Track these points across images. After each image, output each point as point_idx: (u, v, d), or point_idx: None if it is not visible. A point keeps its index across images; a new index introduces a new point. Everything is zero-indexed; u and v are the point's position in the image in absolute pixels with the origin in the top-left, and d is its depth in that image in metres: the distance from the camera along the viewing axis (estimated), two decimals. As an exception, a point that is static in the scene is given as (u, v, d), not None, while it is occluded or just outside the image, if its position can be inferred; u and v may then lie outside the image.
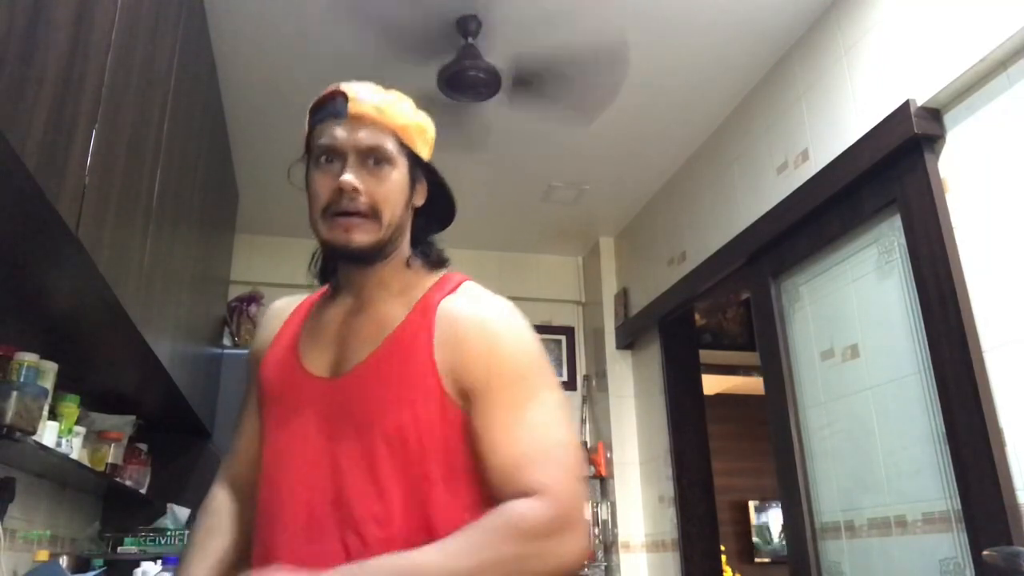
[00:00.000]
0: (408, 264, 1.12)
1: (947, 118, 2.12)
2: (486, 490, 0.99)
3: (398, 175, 1.09)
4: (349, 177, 1.04)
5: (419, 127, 1.13)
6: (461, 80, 2.57)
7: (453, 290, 1.09)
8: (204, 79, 2.43)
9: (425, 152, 1.14)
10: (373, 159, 1.06)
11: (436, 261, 1.15)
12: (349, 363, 1.06)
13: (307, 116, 1.13)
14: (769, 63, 2.86)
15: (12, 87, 0.93)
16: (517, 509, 0.93)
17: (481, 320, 1.04)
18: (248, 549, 1.08)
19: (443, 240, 1.23)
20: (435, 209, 1.18)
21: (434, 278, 1.13)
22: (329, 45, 2.69)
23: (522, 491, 0.94)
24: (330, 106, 1.09)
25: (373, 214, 1.06)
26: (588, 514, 1.01)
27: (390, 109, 1.09)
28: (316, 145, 1.09)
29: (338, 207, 1.05)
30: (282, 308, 1.24)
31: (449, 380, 1.01)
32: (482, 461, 0.99)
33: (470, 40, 2.59)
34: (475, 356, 1.01)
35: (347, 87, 1.09)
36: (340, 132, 1.07)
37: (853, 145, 2.37)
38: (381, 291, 1.11)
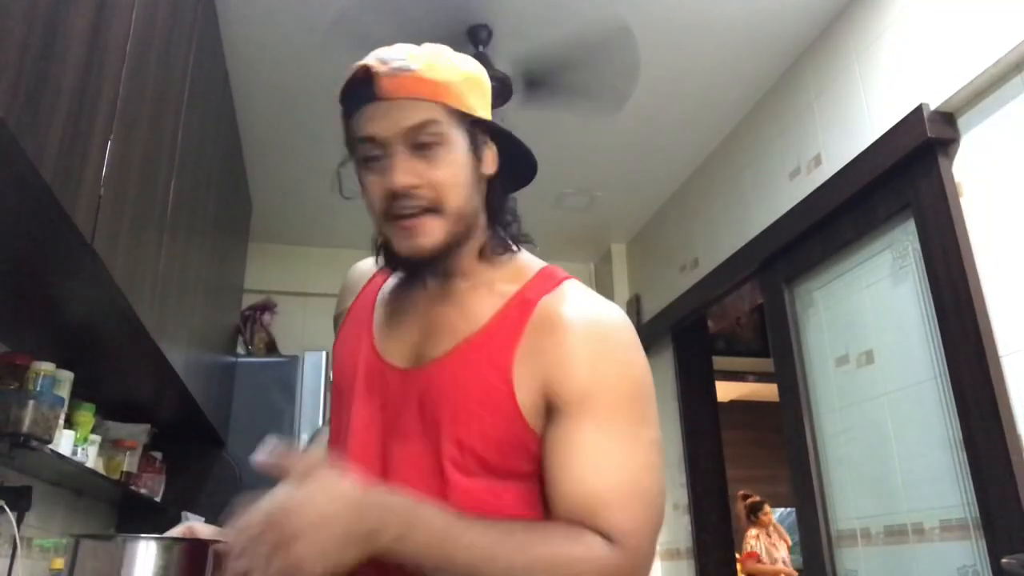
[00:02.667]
0: (482, 253, 0.98)
1: (961, 122, 2.11)
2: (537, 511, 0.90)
3: (457, 151, 0.92)
4: (401, 176, 0.89)
5: (469, 79, 0.95)
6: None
7: (552, 288, 0.94)
8: (217, 89, 2.45)
9: (483, 108, 0.96)
10: (422, 140, 0.89)
11: (517, 237, 1.01)
12: (427, 356, 0.94)
13: (340, 108, 0.96)
14: (780, 68, 2.86)
15: (29, 99, 0.94)
16: (597, 546, 0.83)
17: (588, 328, 0.90)
18: None
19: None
20: (509, 169, 1.00)
21: (529, 267, 0.99)
22: (341, 55, 2.69)
23: (598, 529, 0.84)
24: (359, 89, 0.91)
25: (436, 205, 0.90)
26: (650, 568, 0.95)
27: (428, 71, 0.91)
28: (357, 140, 0.92)
29: (398, 210, 0.90)
30: (359, 275, 1.11)
31: (531, 395, 0.88)
32: (555, 484, 0.87)
33: (481, 49, 2.60)
34: (576, 374, 0.88)
35: (373, 58, 0.91)
36: (376, 119, 0.90)
37: (866, 150, 2.35)
38: (465, 279, 0.97)
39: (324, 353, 3.24)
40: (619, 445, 0.87)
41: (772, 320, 2.91)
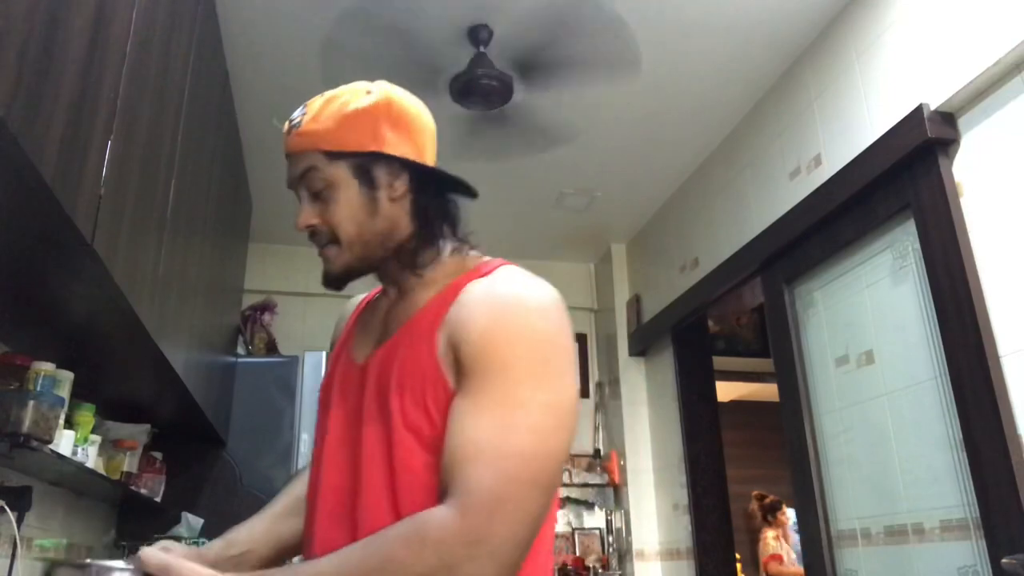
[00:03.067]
0: (414, 260, 1.05)
1: (961, 122, 2.11)
2: None
3: (343, 190, 1.00)
4: (300, 219, 1.02)
5: (356, 117, 1.01)
6: (473, 89, 2.58)
7: (486, 274, 0.99)
8: (217, 89, 2.45)
9: (375, 141, 1.01)
10: (313, 188, 1.02)
11: (438, 236, 1.07)
12: (378, 348, 1.03)
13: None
14: (781, 68, 2.86)
15: (29, 98, 0.94)
16: (426, 515, 0.82)
17: (491, 296, 0.94)
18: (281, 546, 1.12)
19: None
20: (438, 181, 1.07)
21: (472, 263, 1.05)
22: (341, 56, 2.70)
23: (444, 488, 0.84)
24: (289, 132, 1.06)
25: (333, 239, 1.02)
26: (518, 543, 0.82)
27: (310, 123, 1.01)
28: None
29: (315, 243, 1.05)
30: (351, 304, 1.24)
31: (447, 363, 0.91)
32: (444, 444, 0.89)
33: (481, 49, 2.60)
34: (471, 333, 0.90)
35: (290, 117, 1.05)
36: (287, 172, 1.05)
37: (866, 150, 2.35)
38: (417, 279, 1.05)
39: (324, 353, 3.23)
40: (499, 405, 0.86)
41: (772, 320, 2.91)
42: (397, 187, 1.03)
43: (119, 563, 0.90)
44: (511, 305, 0.93)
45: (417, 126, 1.06)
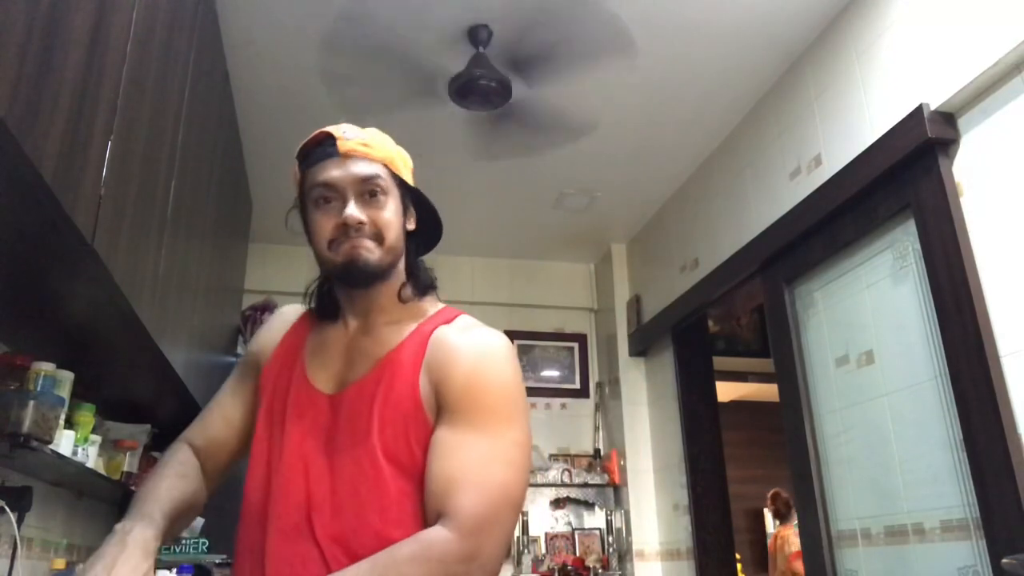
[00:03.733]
0: (401, 294, 1.17)
1: (961, 122, 2.11)
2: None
3: (393, 202, 1.15)
4: (355, 211, 1.10)
5: (402, 157, 1.20)
6: (472, 89, 2.58)
7: (448, 321, 1.14)
8: (217, 90, 2.45)
9: (410, 180, 1.21)
10: (369, 191, 1.12)
11: (426, 286, 1.20)
12: (349, 380, 1.11)
13: (296, 162, 1.17)
14: (781, 69, 2.86)
15: (29, 99, 0.94)
16: (428, 536, 0.96)
17: (470, 346, 1.09)
18: (190, 513, 1.15)
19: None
20: (423, 232, 1.24)
21: (431, 308, 1.18)
22: (341, 57, 2.70)
23: (439, 510, 0.97)
24: (319, 148, 1.14)
25: (377, 239, 1.12)
26: (500, 558, 1.00)
27: (375, 143, 1.16)
28: (313, 185, 1.13)
29: (344, 239, 1.11)
30: (288, 315, 1.28)
31: (428, 403, 1.05)
32: (427, 474, 1.01)
33: (481, 49, 2.60)
34: (455, 377, 1.05)
35: (331, 128, 1.15)
36: (336, 170, 1.12)
37: (866, 150, 2.35)
38: (381, 315, 1.16)
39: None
40: (480, 440, 1.02)
41: (772, 320, 2.91)
42: (411, 222, 1.20)
43: None
44: (487, 354, 1.09)
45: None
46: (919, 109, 2.14)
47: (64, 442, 1.81)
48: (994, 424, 1.89)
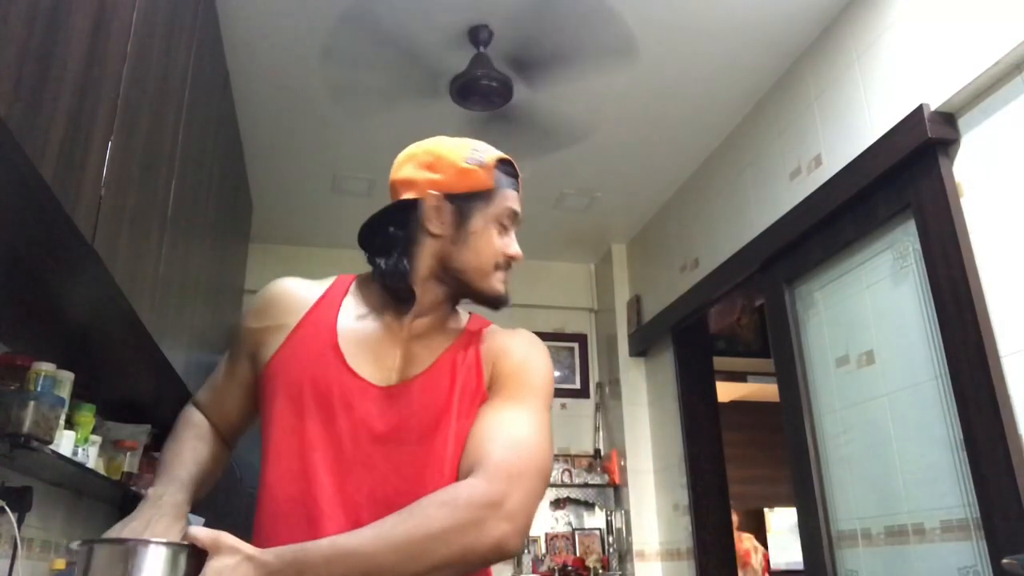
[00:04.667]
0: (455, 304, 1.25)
1: (961, 122, 2.11)
2: None
3: None
4: (519, 250, 1.20)
5: None
6: (473, 89, 2.58)
7: (486, 325, 1.24)
8: (218, 90, 2.45)
9: None
10: (517, 226, 1.22)
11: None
12: (411, 374, 1.13)
13: (494, 167, 1.19)
14: (781, 69, 2.86)
15: (30, 98, 0.94)
16: (458, 484, 1.00)
17: (522, 338, 1.20)
18: (215, 474, 1.21)
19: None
20: None
21: (464, 314, 1.26)
22: (342, 57, 2.70)
23: (473, 464, 1.02)
24: (514, 175, 1.21)
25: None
26: (527, 512, 1.01)
27: None
28: (507, 208, 1.19)
29: (503, 268, 1.20)
30: (298, 299, 1.19)
31: (487, 386, 1.13)
32: (469, 438, 1.07)
33: (482, 49, 2.60)
34: (511, 360, 1.15)
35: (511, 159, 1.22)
36: (518, 203, 1.21)
37: (867, 150, 2.35)
38: (427, 319, 1.20)
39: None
40: (520, 411, 1.09)
41: (773, 320, 2.91)
42: None
43: (158, 539, 0.95)
44: (536, 346, 1.20)
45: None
46: (919, 109, 2.14)
47: (64, 442, 1.81)
48: (994, 424, 1.89)
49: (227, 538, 0.91)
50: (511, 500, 0.97)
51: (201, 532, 0.91)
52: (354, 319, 1.18)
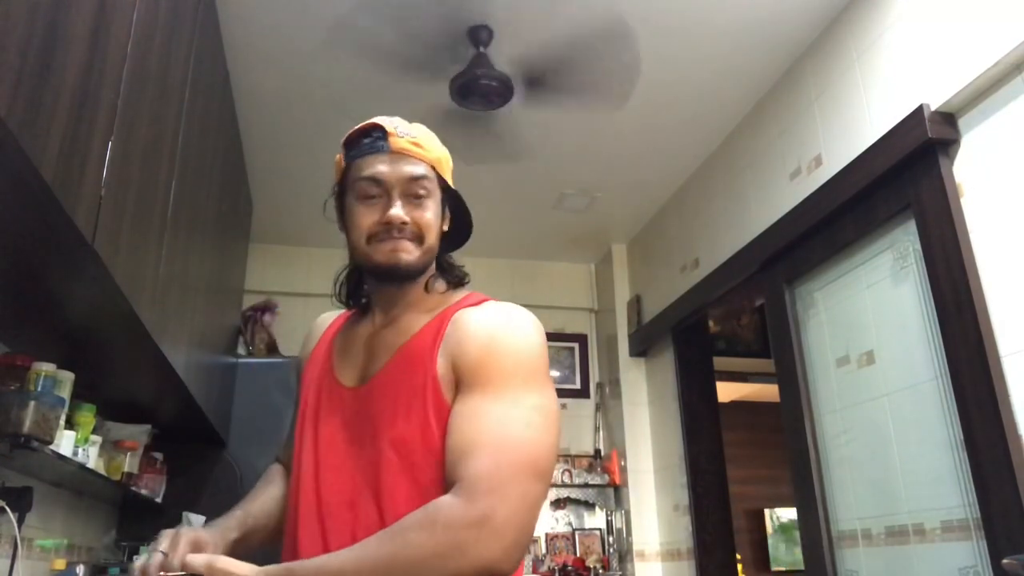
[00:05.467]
0: (427, 286, 1.17)
1: (962, 122, 2.11)
2: None
3: (435, 204, 1.15)
4: (399, 211, 1.10)
5: (447, 159, 1.21)
6: (473, 89, 2.58)
7: (474, 304, 1.12)
8: (218, 90, 2.45)
9: (451, 181, 1.21)
10: (415, 191, 1.12)
11: (458, 280, 1.20)
12: (370, 373, 1.12)
13: (341, 149, 1.17)
14: (781, 69, 2.86)
15: (30, 99, 0.94)
16: (437, 502, 0.91)
17: (485, 321, 1.07)
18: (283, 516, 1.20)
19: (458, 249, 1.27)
20: (454, 231, 1.25)
21: (458, 295, 1.17)
22: (342, 56, 2.70)
23: (450, 479, 0.95)
24: (368, 141, 1.14)
25: (417, 239, 1.12)
26: (518, 524, 0.92)
27: (426, 142, 1.16)
28: (359, 178, 1.13)
29: (384, 236, 1.11)
30: (321, 323, 1.31)
31: (446, 382, 1.03)
32: (445, 444, 0.99)
33: (482, 49, 2.60)
34: (470, 348, 1.03)
35: (383, 121, 1.15)
36: (384, 166, 1.12)
37: (867, 150, 2.35)
38: (409, 310, 1.16)
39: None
40: (495, 406, 0.98)
41: (773, 321, 2.91)
42: (446, 223, 1.21)
43: (177, 573, 0.96)
44: (503, 326, 1.07)
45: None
46: (919, 109, 2.14)
47: (64, 442, 1.81)
48: (995, 424, 1.89)
49: (222, 562, 0.91)
50: (496, 515, 0.88)
51: (197, 559, 0.92)
52: (348, 326, 1.24)
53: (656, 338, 3.88)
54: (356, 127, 1.16)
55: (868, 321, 2.43)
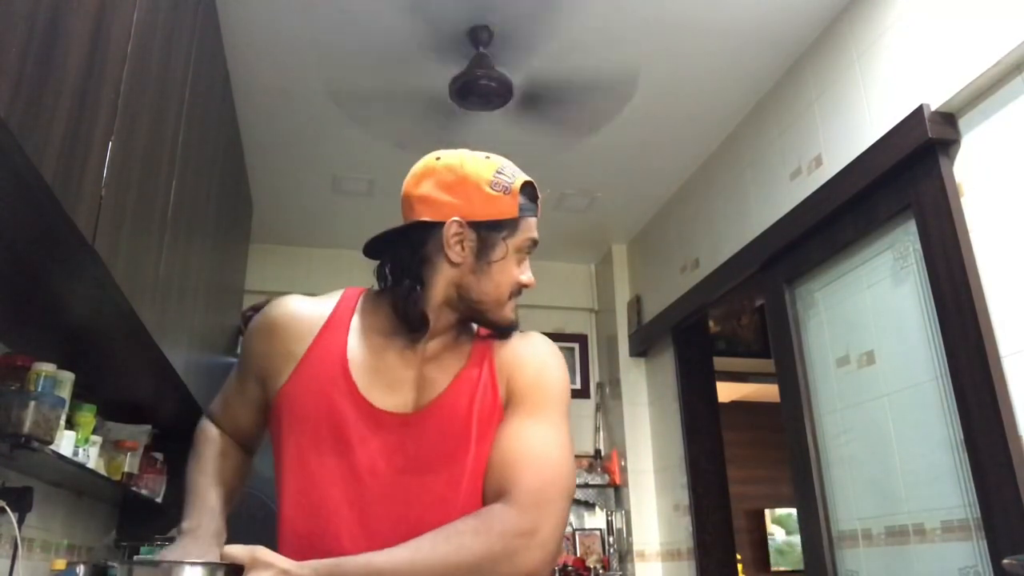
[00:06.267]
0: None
1: (962, 122, 2.11)
2: None
3: None
4: (533, 279, 1.17)
5: None
6: (473, 90, 2.58)
7: (494, 336, 1.18)
8: (218, 90, 2.45)
9: None
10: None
11: None
12: (426, 400, 1.10)
13: (519, 193, 1.14)
14: (781, 69, 2.86)
15: (30, 99, 0.94)
16: (491, 511, 1.01)
17: (536, 346, 1.17)
18: (240, 487, 1.21)
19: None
20: None
21: (471, 328, 1.21)
22: (342, 56, 2.70)
23: (500, 489, 1.02)
24: (535, 198, 1.17)
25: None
26: (557, 538, 1.03)
27: None
28: (528, 238, 1.16)
29: (516, 295, 1.17)
30: (298, 322, 1.15)
31: (503, 402, 1.12)
32: (490, 459, 1.07)
33: (482, 50, 2.60)
34: (527, 373, 1.12)
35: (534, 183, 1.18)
36: (536, 231, 1.17)
37: (867, 150, 2.35)
38: (438, 342, 1.16)
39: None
40: (542, 427, 1.08)
41: (773, 321, 2.91)
42: None
43: (194, 560, 0.96)
44: (551, 354, 1.17)
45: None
46: (920, 109, 2.14)
47: (65, 443, 1.81)
48: (995, 424, 1.89)
49: (263, 553, 0.91)
50: (543, 529, 0.99)
51: (237, 549, 0.91)
52: (364, 343, 1.13)
53: (656, 338, 3.88)
54: (526, 177, 1.16)
55: (868, 321, 2.43)
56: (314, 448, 1.07)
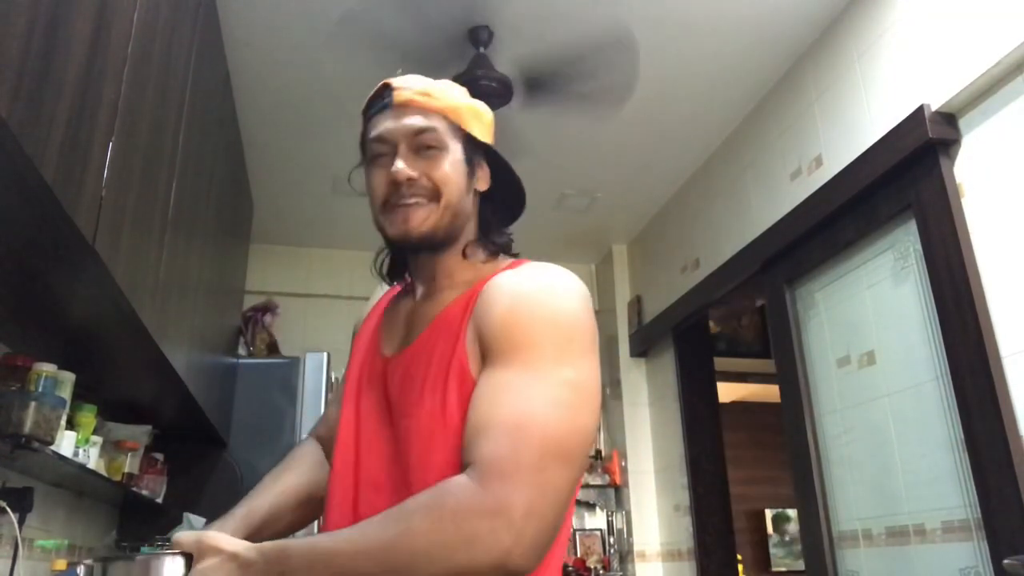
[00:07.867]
0: (465, 253, 1.06)
1: (962, 123, 2.11)
2: None
3: (453, 156, 1.04)
4: (401, 165, 1.00)
5: (472, 109, 1.10)
6: (473, 90, 2.57)
7: (514, 268, 1.02)
8: (219, 91, 2.45)
9: (482, 134, 1.09)
10: (424, 144, 1.02)
11: (500, 246, 1.09)
12: (406, 344, 1.04)
13: (360, 119, 1.10)
14: (782, 69, 2.86)
15: (31, 99, 0.94)
16: (445, 485, 0.81)
17: (514, 284, 0.96)
18: (321, 490, 1.12)
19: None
20: (503, 197, 1.13)
21: (503, 263, 1.06)
22: (342, 57, 2.70)
23: (467, 463, 0.83)
24: (377, 100, 1.07)
25: (432, 196, 1.02)
26: (540, 516, 0.78)
27: (437, 92, 1.07)
28: (367, 141, 1.06)
29: (397, 199, 1.02)
30: (379, 292, 1.24)
31: (473, 355, 0.93)
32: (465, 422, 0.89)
33: (482, 50, 2.60)
34: (495, 317, 0.92)
35: (393, 79, 1.08)
36: (388, 122, 1.03)
37: (867, 150, 2.35)
38: (447, 280, 1.06)
39: (325, 354, 3.24)
40: (519, 379, 0.87)
41: (773, 321, 2.90)
42: (482, 182, 1.10)
43: (167, 551, 0.92)
44: (534, 289, 0.95)
45: (496, 142, 1.15)
46: (920, 110, 2.14)
47: (65, 443, 1.81)
48: (995, 425, 1.89)
49: (209, 538, 0.85)
50: (516, 504, 0.77)
51: (184, 536, 0.87)
52: (397, 298, 1.16)
53: (657, 338, 3.88)
54: (372, 91, 1.09)
55: (869, 321, 2.43)
56: (346, 399, 1.10)
